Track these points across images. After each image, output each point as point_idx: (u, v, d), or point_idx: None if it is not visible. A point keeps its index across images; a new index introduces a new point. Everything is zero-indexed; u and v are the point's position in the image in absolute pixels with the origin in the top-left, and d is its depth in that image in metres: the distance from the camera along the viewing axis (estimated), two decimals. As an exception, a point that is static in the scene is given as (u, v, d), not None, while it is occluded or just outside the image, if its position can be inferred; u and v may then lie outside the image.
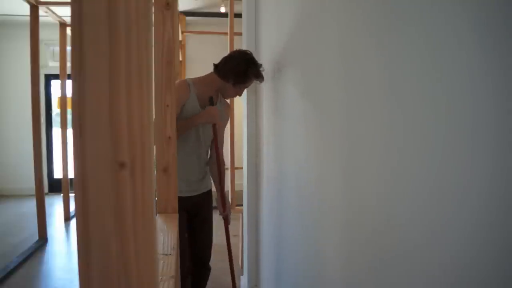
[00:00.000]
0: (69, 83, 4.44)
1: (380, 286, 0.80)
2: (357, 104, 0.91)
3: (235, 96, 2.08)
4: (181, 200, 2.02)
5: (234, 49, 2.32)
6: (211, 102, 1.94)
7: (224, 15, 4.66)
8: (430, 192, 0.62)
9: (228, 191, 2.75)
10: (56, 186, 5.83)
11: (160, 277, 1.11)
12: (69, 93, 4.43)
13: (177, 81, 1.92)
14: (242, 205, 2.69)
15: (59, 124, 4.77)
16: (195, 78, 2.05)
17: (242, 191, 2.61)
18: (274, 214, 1.92)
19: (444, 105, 0.58)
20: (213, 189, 2.20)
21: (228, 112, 2.20)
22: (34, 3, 3.54)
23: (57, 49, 5.15)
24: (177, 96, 1.94)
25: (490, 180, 0.49)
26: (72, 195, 4.84)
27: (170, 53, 1.82)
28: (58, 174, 5.87)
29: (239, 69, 1.92)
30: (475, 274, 0.52)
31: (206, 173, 2.13)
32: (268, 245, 2.14)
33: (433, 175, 0.61)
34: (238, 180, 3.04)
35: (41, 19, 3.66)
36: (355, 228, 0.93)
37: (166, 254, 1.31)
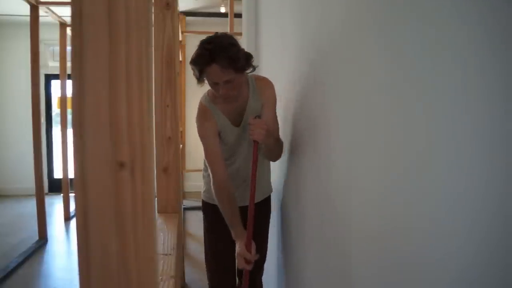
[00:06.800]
0: (69, 83, 4.44)
1: (382, 286, 0.80)
2: (357, 105, 0.91)
3: (222, 97, 1.54)
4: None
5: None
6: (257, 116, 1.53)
7: (224, 15, 4.66)
8: (429, 193, 0.62)
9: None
10: (56, 186, 5.83)
11: (160, 277, 1.11)
12: (69, 93, 4.43)
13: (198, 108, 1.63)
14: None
15: (59, 124, 4.77)
16: (209, 91, 1.63)
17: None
18: (275, 214, 1.92)
19: (445, 105, 0.58)
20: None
21: (266, 93, 1.63)
22: (34, 3, 3.53)
23: (57, 49, 5.15)
24: (202, 130, 1.60)
25: (489, 181, 0.49)
26: (72, 195, 4.83)
27: (170, 53, 1.82)
28: (58, 174, 5.87)
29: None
30: (475, 275, 0.52)
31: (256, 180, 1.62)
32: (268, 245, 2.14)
33: (434, 176, 0.61)
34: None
35: (41, 19, 3.66)
36: (357, 228, 0.93)
37: (166, 254, 1.31)
